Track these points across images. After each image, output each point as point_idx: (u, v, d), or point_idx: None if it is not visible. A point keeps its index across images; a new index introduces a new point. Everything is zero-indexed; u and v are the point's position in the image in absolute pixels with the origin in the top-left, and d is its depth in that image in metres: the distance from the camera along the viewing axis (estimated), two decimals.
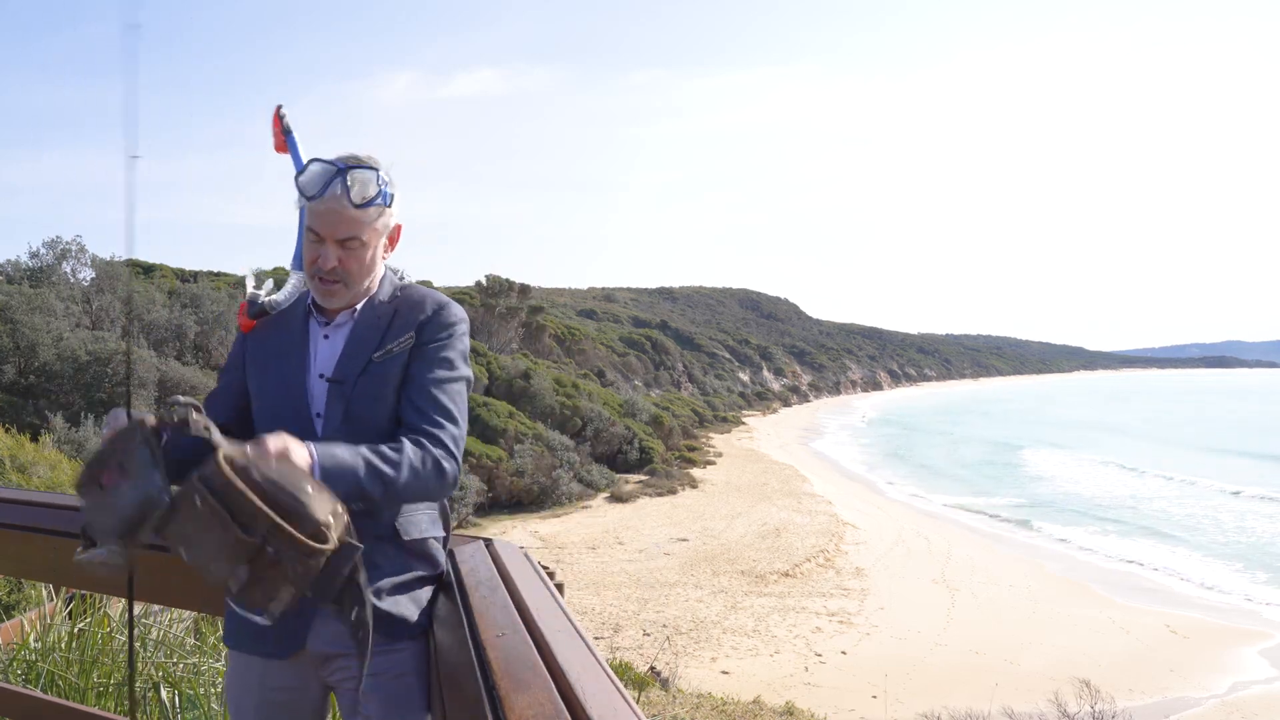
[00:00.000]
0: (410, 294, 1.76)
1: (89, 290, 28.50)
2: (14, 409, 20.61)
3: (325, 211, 1.63)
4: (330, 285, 1.67)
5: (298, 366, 1.72)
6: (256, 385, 1.75)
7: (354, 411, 1.67)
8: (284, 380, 1.72)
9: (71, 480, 10.52)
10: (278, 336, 1.76)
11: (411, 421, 1.65)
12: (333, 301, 1.70)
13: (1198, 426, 63.23)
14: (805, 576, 18.57)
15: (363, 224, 1.64)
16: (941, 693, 11.81)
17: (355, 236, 1.64)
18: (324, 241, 1.64)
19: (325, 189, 1.62)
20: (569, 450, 29.44)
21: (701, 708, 8.84)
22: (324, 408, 1.68)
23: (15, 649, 3.06)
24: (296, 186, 1.67)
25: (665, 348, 64.04)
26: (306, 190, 1.64)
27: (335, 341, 1.73)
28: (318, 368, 1.71)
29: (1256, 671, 13.38)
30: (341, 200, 1.61)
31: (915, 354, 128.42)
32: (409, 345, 1.70)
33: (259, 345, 1.77)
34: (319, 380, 1.70)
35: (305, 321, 1.75)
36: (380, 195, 1.65)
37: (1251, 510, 28.37)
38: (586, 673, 1.21)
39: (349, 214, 1.62)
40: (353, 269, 1.67)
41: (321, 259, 1.65)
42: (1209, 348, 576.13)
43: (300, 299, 1.79)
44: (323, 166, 1.64)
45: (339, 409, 1.67)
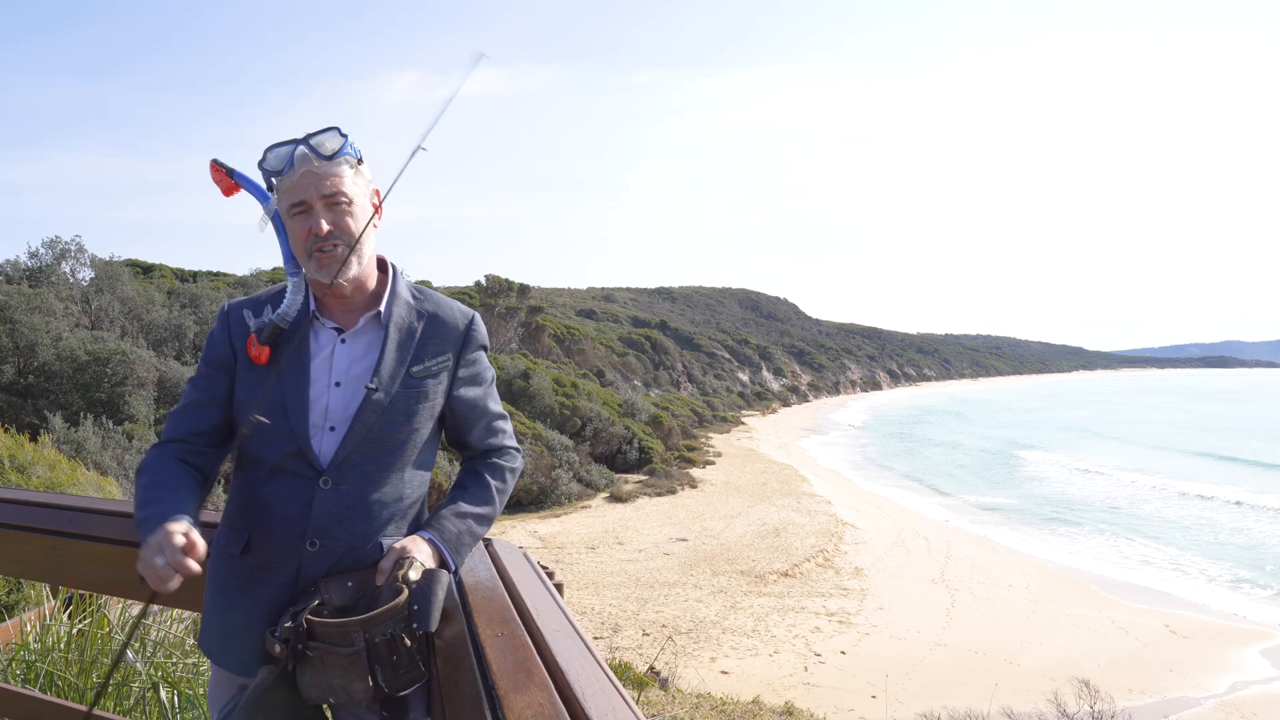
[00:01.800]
0: (435, 302, 1.74)
1: (88, 290, 28.46)
2: (13, 409, 20.60)
3: (300, 177, 1.61)
4: (330, 252, 1.61)
5: (301, 373, 1.63)
6: (252, 395, 1.64)
7: (385, 424, 1.63)
8: (287, 389, 1.62)
9: (70, 480, 10.52)
10: (288, 344, 1.66)
11: (480, 444, 1.79)
12: (332, 274, 1.62)
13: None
14: (805, 576, 18.56)
15: (340, 178, 1.62)
16: (941, 693, 11.81)
17: (338, 191, 1.61)
18: (310, 209, 1.61)
19: (292, 159, 1.61)
20: (568, 450, 29.44)
21: (701, 708, 8.83)
22: (346, 419, 1.61)
23: (15, 649, 3.06)
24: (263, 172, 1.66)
25: (665, 348, 64.00)
26: (275, 166, 1.63)
27: (354, 349, 1.66)
28: (333, 375, 1.64)
29: (1256, 671, 13.38)
30: (311, 160, 1.61)
31: (914, 354, 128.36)
32: (448, 365, 1.71)
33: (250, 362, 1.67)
34: (335, 389, 1.63)
35: (307, 329, 1.66)
36: (344, 147, 1.63)
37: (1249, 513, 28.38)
38: (585, 673, 1.21)
39: (322, 169, 1.61)
40: (348, 227, 1.62)
41: (314, 226, 1.61)
42: (1209, 348, 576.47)
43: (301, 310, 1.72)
44: (281, 146, 1.64)
45: (369, 420, 1.61)
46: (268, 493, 1.62)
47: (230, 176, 1.76)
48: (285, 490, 1.61)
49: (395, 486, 1.66)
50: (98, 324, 27.00)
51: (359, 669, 1.41)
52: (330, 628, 1.43)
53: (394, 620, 1.43)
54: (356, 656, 1.41)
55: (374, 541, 1.62)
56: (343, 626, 1.41)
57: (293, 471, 1.61)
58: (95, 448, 18.33)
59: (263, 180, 1.69)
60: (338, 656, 1.42)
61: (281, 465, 1.62)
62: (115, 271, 29.54)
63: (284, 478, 1.61)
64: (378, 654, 1.42)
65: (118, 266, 30.44)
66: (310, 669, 1.45)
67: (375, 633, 1.42)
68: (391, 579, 1.49)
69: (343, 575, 1.56)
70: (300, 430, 1.61)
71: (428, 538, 1.60)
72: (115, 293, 28.44)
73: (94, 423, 19.60)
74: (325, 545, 1.59)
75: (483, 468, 1.77)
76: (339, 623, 1.42)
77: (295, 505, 1.60)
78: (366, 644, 1.41)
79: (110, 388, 22.20)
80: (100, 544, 2.14)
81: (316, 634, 1.44)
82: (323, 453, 1.61)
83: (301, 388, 1.63)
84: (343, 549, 1.60)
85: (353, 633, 1.41)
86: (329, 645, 1.43)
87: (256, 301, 1.72)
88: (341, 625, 1.41)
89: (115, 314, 27.91)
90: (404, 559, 1.53)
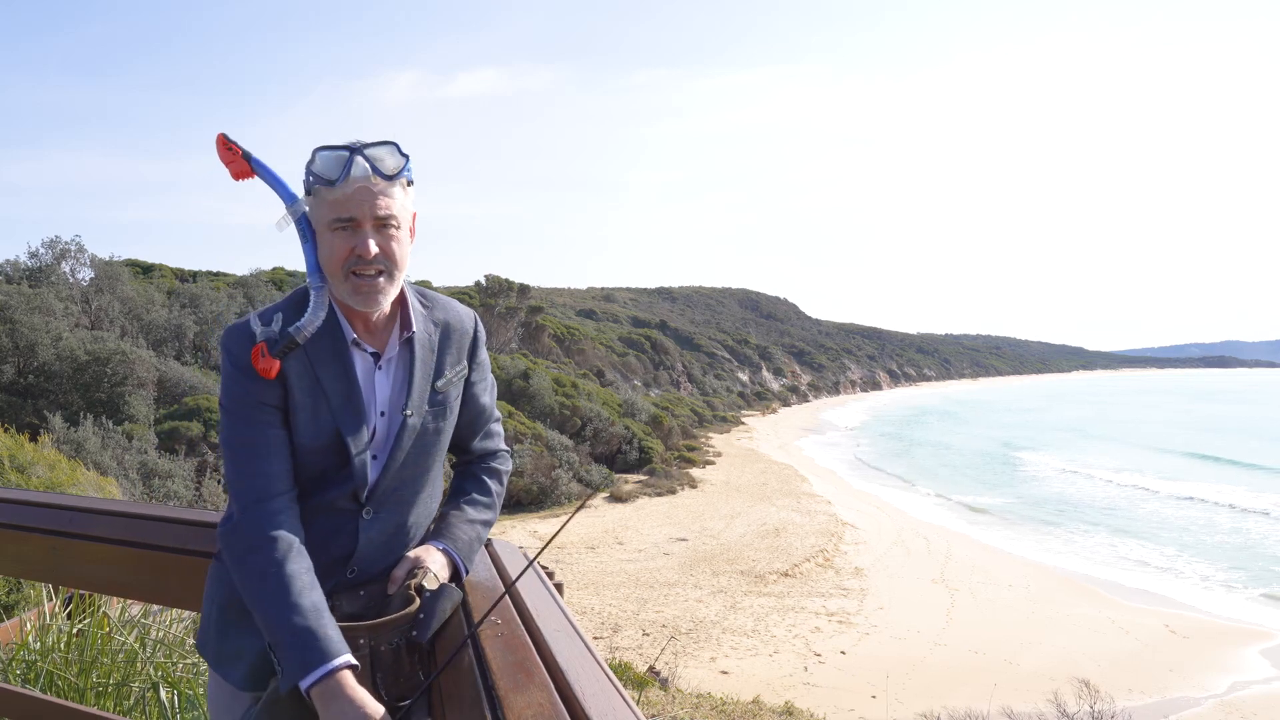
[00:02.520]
0: (443, 308, 1.68)
1: (88, 290, 28.45)
2: (13, 409, 20.60)
3: (355, 193, 1.47)
4: (372, 280, 1.49)
5: (359, 406, 1.53)
6: (309, 431, 1.51)
7: (419, 446, 1.60)
8: (349, 422, 1.52)
9: (70, 480, 10.51)
10: (329, 372, 1.52)
11: (481, 447, 1.77)
12: (373, 302, 1.51)
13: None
14: (804, 576, 18.56)
15: (395, 200, 1.50)
16: (941, 692, 11.81)
17: (391, 215, 1.49)
18: (359, 228, 1.48)
19: (348, 169, 1.47)
20: (568, 450, 29.44)
21: (701, 708, 8.83)
22: (387, 447, 1.57)
23: (15, 649, 3.06)
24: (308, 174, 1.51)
25: (665, 348, 64.00)
26: (328, 173, 1.48)
27: (387, 375, 1.59)
28: (378, 404, 1.57)
29: (1256, 671, 13.38)
30: (370, 176, 1.47)
31: (914, 354, 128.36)
32: (463, 374, 1.68)
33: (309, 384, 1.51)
34: (380, 418, 1.57)
35: (348, 353, 1.55)
36: (405, 167, 1.52)
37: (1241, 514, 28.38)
38: (585, 673, 1.21)
39: (379, 188, 1.48)
40: (394, 254, 1.51)
41: (360, 247, 1.47)
42: (1209, 348, 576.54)
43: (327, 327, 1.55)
44: (334, 151, 1.49)
45: (407, 445, 1.58)
46: (314, 528, 1.52)
47: (246, 160, 1.56)
48: (331, 525, 1.55)
49: (425, 504, 1.67)
50: (98, 324, 27.00)
51: (363, 675, 1.40)
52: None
53: (401, 629, 1.43)
54: (360, 661, 1.40)
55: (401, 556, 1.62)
56: (350, 631, 1.41)
57: (338, 507, 1.55)
58: (95, 448, 18.33)
59: (305, 178, 1.53)
60: None
61: (330, 501, 1.54)
62: (115, 271, 29.55)
63: (329, 512, 1.55)
64: (381, 661, 1.42)
65: (118, 266, 30.44)
66: None
67: (381, 640, 1.42)
68: (404, 588, 1.49)
69: (356, 586, 1.56)
70: (360, 466, 1.53)
71: (442, 547, 1.58)
72: (115, 293, 28.45)
73: (94, 423, 19.59)
74: (362, 569, 1.58)
75: (483, 472, 1.76)
76: (346, 627, 1.41)
77: (342, 539, 1.55)
78: (371, 651, 1.41)
79: (110, 388, 22.20)
80: (100, 544, 2.14)
81: None
82: (369, 480, 1.56)
83: (361, 419, 1.53)
84: (378, 570, 1.59)
85: (360, 638, 1.41)
86: None
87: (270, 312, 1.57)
88: (349, 630, 1.41)
89: (115, 314, 27.91)
90: (418, 569, 1.52)
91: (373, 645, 1.41)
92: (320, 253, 1.52)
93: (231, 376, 1.51)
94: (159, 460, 19.59)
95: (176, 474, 19.26)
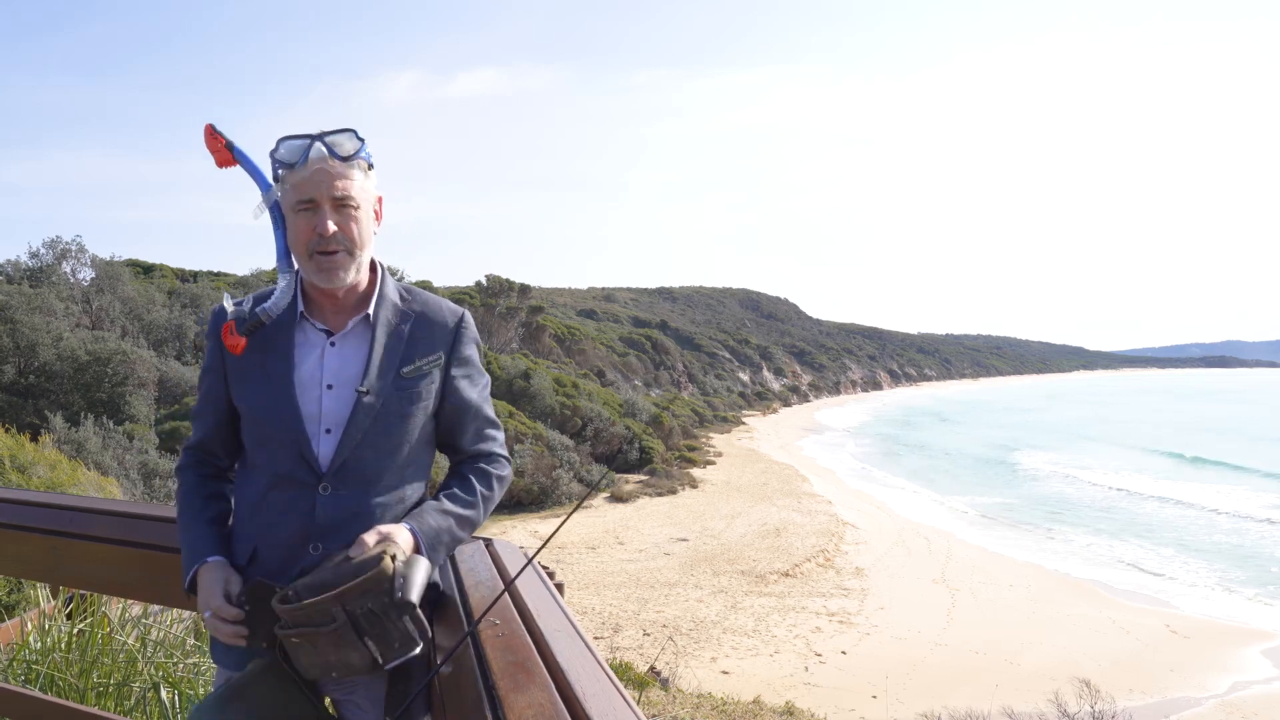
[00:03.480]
0: (423, 302, 1.73)
1: (89, 290, 28.47)
2: (14, 409, 20.61)
3: (312, 175, 1.59)
4: (331, 256, 1.60)
5: (289, 378, 1.63)
6: (244, 399, 1.66)
7: (380, 427, 1.63)
8: (277, 393, 1.62)
9: (70, 479, 10.53)
10: (261, 353, 1.65)
11: (470, 447, 1.76)
12: (335, 278, 1.61)
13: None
14: (805, 576, 18.56)
15: (353, 181, 1.61)
16: (941, 693, 11.81)
17: (348, 195, 1.60)
18: (318, 208, 1.59)
19: (307, 154, 1.59)
20: (569, 450, 29.45)
21: (701, 708, 8.83)
22: (341, 421, 1.62)
23: (15, 649, 3.06)
24: (273, 161, 1.63)
25: (665, 348, 64.02)
26: (289, 158, 1.60)
27: (345, 351, 1.65)
28: (325, 378, 1.64)
29: (1257, 671, 13.37)
30: (326, 158, 1.59)
31: (915, 354, 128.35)
32: (439, 364, 1.70)
33: (241, 365, 1.66)
34: (327, 391, 1.63)
35: (293, 330, 1.66)
36: (361, 150, 1.62)
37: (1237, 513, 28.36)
38: (586, 673, 1.20)
39: (338, 169, 1.59)
40: (353, 233, 1.61)
41: (319, 225, 1.58)
42: (1209, 348, 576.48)
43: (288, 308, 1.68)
44: (297, 138, 1.62)
45: (363, 423, 1.62)
46: (271, 502, 1.63)
47: (229, 150, 1.67)
48: (288, 499, 1.62)
49: (395, 489, 1.66)
50: (98, 324, 27.02)
51: (350, 641, 1.41)
52: (305, 610, 1.42)
53: (372, 595, 1.41)
54: (341, 630, 1.40)
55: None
56: (318, 605, 1.41)
57: (295, 479, 1.61)
58: (96, 448, 18.34)
59: (270, 168, 1.65)
60: (322, 635, 1.41)
61: (285, 473, 1.62)
62: (116, 271, 29.57)
63: (286, 485, 1.62)
64: (361, 626, 1.41)
65: (118, 266, 30.47)
66: (302, 653, 1.45)
67: (354, 606, 1.41)
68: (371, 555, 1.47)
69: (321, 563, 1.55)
70: (298, 432, 1.60)
71: (409, 527, 1.58)
72: (116, 293, 28.47)
73: (95, 423, 19.60)
74: (328, 548, 1.59)
75: (470, 471, 1.74)
76: (313, 602, 1.41)
77: (298, 513, 1.61)
78: (349, 616, 1.40)
79: (111, 388, 22.22)
80: (100, 544, 2.14)
81: (293, 622, 1.43)
82: (322, 456, 1.61)
83: (290, 390, 1.62)
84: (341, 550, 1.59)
85: (331, 608, 1.41)
86: (311, 627, 1.42)
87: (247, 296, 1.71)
88: (316, 604, 1.41)
89: (116, 314, 27.93)
90: (385, 539, 1.51)
91: (349, 611, 1.40)
92: (289, 237, 1.64)
93: (208, 350, 1.74)
94: (159, 460, 19.60)
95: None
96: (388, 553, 1.46)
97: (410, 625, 1.42)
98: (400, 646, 1.42)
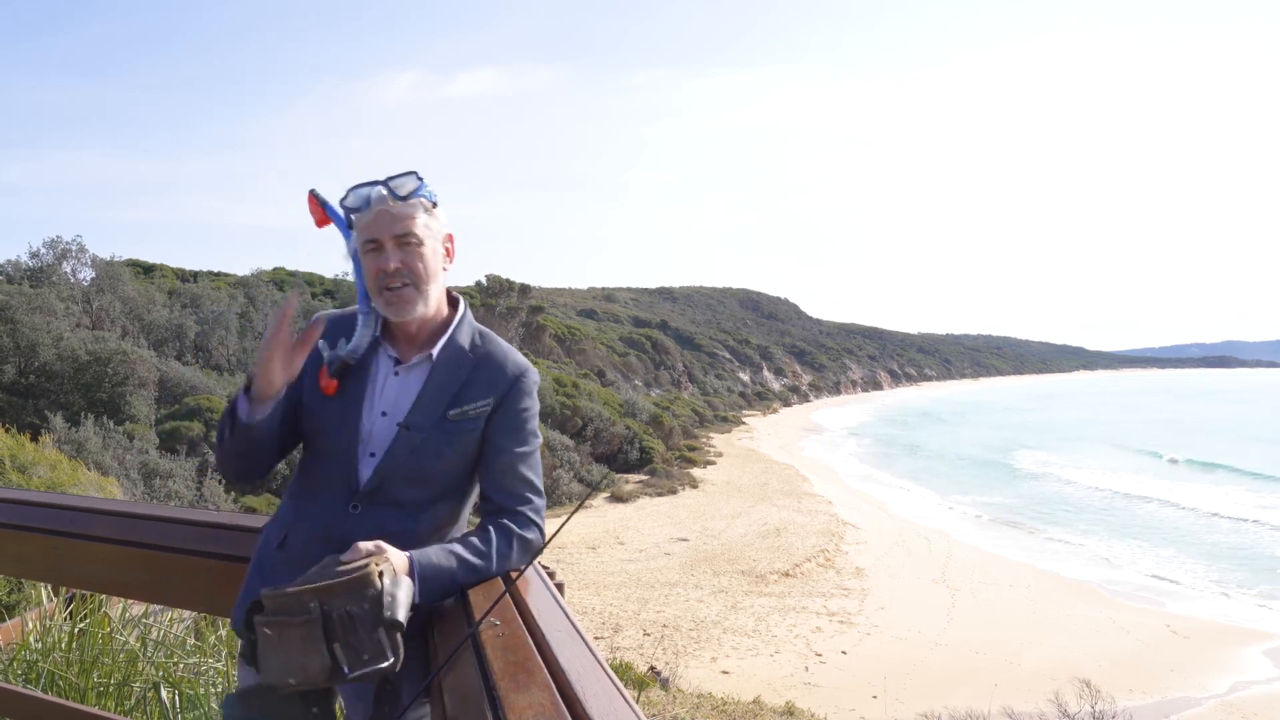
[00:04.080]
0: (491, 350, 1.76)
1: (89, 290, 28.48)
2: (14, 409, 20.61)
3: (375, 216, 1.68)
4: (398, 291, 1.68)
5: (356, 399, 1.71)
6: (313, 409, 1.74)
7: (416, 461, 1.67)
8: (340, 412, 1.70)
9: (71, 480, 10.52)
10: (351, 367, 1.73)
11: (499, 501, 1.73)
12: (404, 312, 1.69)
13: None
14: (805, 576, 18.56)
15: (412, 219, 1.69)
16: (942, 693, 11.81)
17: (409, 232, 1.68)
18: (382, 247, 1.68)
19: (369, 198, 1.69)
20: (569, 450, 29.44)
21: (701, 708, 8.83)
22: (383, 449, 1.68)
23: (15, 649, 3.06)
24: (344, 209, 1.73)
25: (665, 348, 64.02)
26: (354, 204, 1.70)
27: (407, 382, 1.72)
28: (380, 404, 1.71)
29: (1257, 671, 13.37)
30: (386, 200, 1.68)
31: (915, 354, 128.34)
32: (486, 412, 1.71)
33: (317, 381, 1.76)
34: (380, 418, 1.70)
35: (370, 356, 1.73)
36: (420, 189, 1.70)
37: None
38: (586, 673, 1.20)
39: (396, 209, 1.67)
40: (416, 268, 1.68)
41: (383, 262, 1.67)
42: (1209, 348, 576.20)
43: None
44: (362, 186, 1.72)
45: (403, 454, 1.67)
46: (308, 506, 1.72)
47: (324, 209, 1.82)
48: (324, 504, 1.69)
49: (426, 522, 1.69)
50: (99, 324, 27.02)
51: (315, 642, 1.39)
52: (284, 598, 1.41)
53: (352, 598, 1.40)
54: (311, 625, 1.39)
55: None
56: (298, 594, 1.40)
57: (336, 490, 1.69)
58: (96, 448, 18.35)
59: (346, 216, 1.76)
60: (294, 627, 1.40)
61: (329, 481, 1.70)
62: (116, 271, 29.57)
63: (327, 492, 1.70)
64: (333, 629, 1.40)
65: (118, 266, 30.47)
66: (270, 649, 1.43)
67: (332, 606, 1.40)
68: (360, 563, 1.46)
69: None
70: (351, 452, 1.68)
71: (409, 555, 1.57)
72: (116, 293, 28.47)
73: (95, 423, 19.60)
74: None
75: (492, 524, 1.71)
76: (293, 590, 1.41)
77: (329, 521, 1.68)
78: (323, 615, 1.39)
79: (111, 388, 22.22)
80: (101, 544, 2.14)
81: (272, 608, 1.43)
82: (362, 477, 1.68)
83: (357, 413, 1.70)
84: None
85: (308, 601, 1.40)
86: (284, 616, 1.41)
87: (343, 320, 1.78)
88: (297, 593, 1.40)
89: (116, 314, 27.94)
90: (379, 552, 1.51)
91: (324, 609, 1.39)
92: (363, 277, 1.73)
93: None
94: (160, 460, 19.61)
95: (177, 474, 19.28)
96: (377, 564, 1.45)
97: (385, 638, 1.40)
98: (369, 659, 1.40)
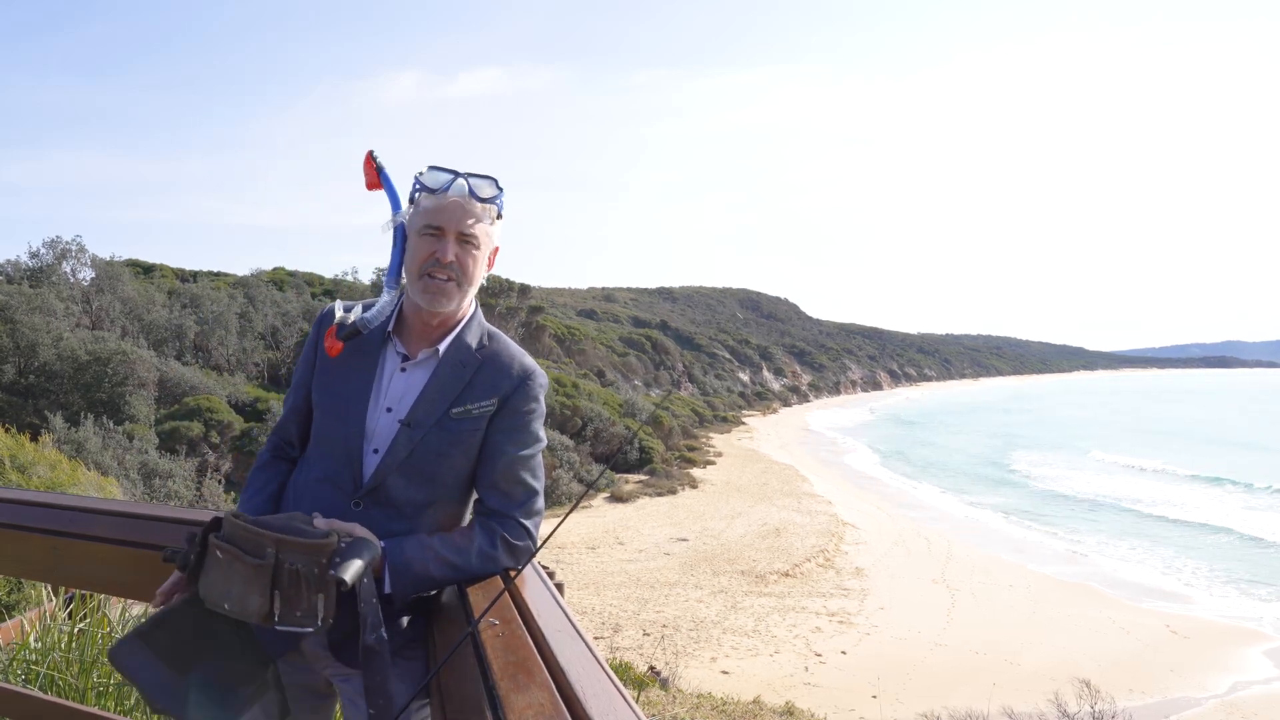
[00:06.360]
0: (498, 349, 1.75)
1: (89, 290, 28.47)
2: (14, 409, 20.61)
3: (448, 205, 1.66)
4: (442, 283, 1.66)
5: (361, 394, 1.70)
6: (322, 398, 1.74)
7: (417, 458, 1.66)
8: (344, 406, 1.70)
9: (71, 479, 10.52)
10: (349, 358, 1.72)
11: (490, 503, 1.71)
12: (439, 303, 1.67)
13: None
14: (805, 576, 18.56)
15: (482, 222, 1.69)
16: (941, 693, 11.80)
17: (474, 234, 1.68)
18: (444, 235, 1.66)
19: (450, 185, 1.67)
20: (569, 450, 29.44)
21: (701, 708, 8.83)
22: (385, 445, 1.66)
23: (15, 649, 3.06)
24: (417, 183, 1.70)
25: (665, 348, 64.02)
26: (432, 184, 1.68)
27: (412, 379, 1.70)
28: (385, 400, 1.69)
29: (1257, 672, 13.37)
30: (466, 195, 1.67)
31: (915, 354, 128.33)
32: (489, 411, 1.70)
33: (329, 363, 1.74)
34: (385, 414, 1.68)
35: (380, 349, 1.72)
36: (497, 197, 1.71)
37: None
38: (586, 673, 1.20)
39: (472, 207, 1.67)
40: (468, 267, 1.68)
41: (440, 251, 1.66)
42: (1209, 348, 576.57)
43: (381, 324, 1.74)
44: (445, 170, 1.70)
45: (403, 452, 1.65)
46: (316, 494, 1.70)
47: (378, 174, 1.79)
48: (328, 498, 1.67)
49: (427, 524, 1.68)
50: (98, 324, 27.02)
51: (262, 584, 1.42)
52: (245, 532, 1.45)
53: (307, 558, 1.43)
54: (262, 570, 1.42)
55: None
56: (260, 535, 1.44)
57: (339, 485, 1.68)
58: (96, 448, 18.34)
59: (411, 188, 1.73)
60: (245, 565, 1.43)
61: (333, 475, 1.69)
62: (116, 271, 29.56)
63: (331, 485, 1.68)
64: (280, 578, 1.43)
65: (118, 266, 30.46)
66: (214, 570, 1.47)
67: (286, 558, 1.43)
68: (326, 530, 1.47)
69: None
70: (354, 445, 1.67)
71: (383, 544, 1.56)
72: (116, 293, 28.46)
73: (95, 423, 19.60)
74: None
75: (479, 524, 1.68)
76: (257, 530, 1.44)
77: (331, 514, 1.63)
78: (275, 562, 1.42)
79: (111, 388, 22.21)
80: (100, 544, 2.14)
81: (232, 537, 1.47)
82: (366, 473, 1.66)
83: (363, 403, 1.69)
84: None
85: (267, 546, 1.43)
86: (240, 550, 1.44)
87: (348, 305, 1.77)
88: (259, 534, 1.44)
89: (116, 314, 27.93)
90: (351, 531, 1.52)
91: (277, 557, 1.43)
92: (407, 255, 1.71)
93: (306, 341, 1.83)
94: (160, 460, 19.61)
95: (177, 474, 19.28)
96: (340, 538, 1.47)
97: (321, 603, 1.43)
98: (301, 616, 1.43)
